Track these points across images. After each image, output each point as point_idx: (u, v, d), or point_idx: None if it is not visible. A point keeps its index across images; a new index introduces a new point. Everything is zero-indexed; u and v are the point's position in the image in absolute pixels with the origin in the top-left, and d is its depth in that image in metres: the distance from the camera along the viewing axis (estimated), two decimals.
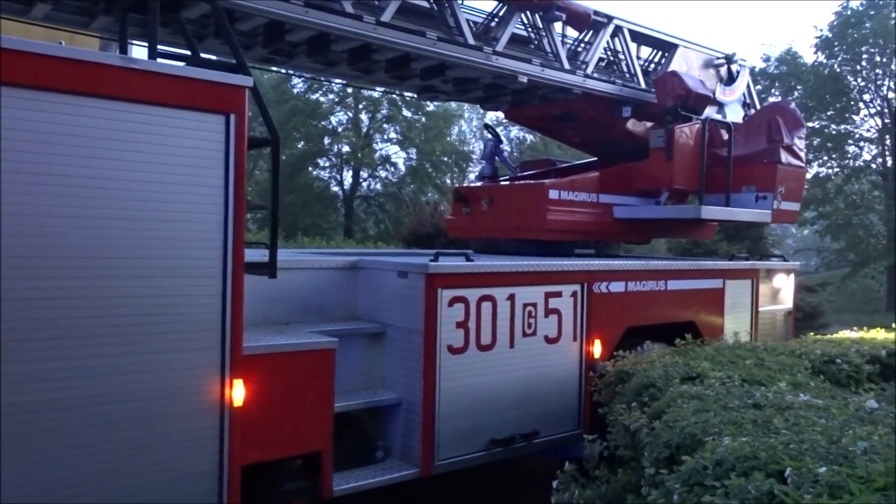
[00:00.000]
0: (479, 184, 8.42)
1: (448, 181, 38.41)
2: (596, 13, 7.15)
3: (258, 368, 4.15)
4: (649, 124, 7.86)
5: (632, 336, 6.21)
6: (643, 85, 7.80)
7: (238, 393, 4.03)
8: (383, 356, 5.26)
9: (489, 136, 8.69)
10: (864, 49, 28.08)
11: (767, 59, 30.15)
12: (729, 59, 8.69)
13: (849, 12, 28.32)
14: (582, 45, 7.57)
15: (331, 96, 32.09)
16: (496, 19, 6.74)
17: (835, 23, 28.55)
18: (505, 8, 6.65)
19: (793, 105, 8.47)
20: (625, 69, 7.81)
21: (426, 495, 5.89)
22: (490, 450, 5.32)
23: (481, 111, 38.51)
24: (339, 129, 33.46)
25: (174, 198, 3.81)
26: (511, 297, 5.41)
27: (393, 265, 5.26)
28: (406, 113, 33.89)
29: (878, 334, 6.55)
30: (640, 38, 8.00)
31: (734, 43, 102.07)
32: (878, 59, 28.04)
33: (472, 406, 5.21)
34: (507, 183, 7.98)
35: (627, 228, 7.65)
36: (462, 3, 6.32)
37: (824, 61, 29.12)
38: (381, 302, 5.32)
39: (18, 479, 3.39)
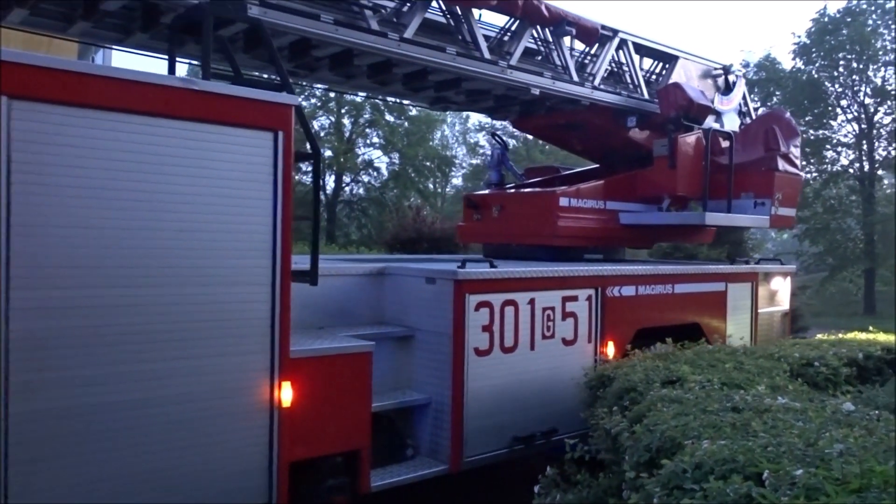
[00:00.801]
0: (487, 191, 8.68)
1: (431, 186, 38.63)
2: (603, 27, 7.44)
3: (303, 371, 4.37)
4: (647, 132, 8.16)
5: (642, 337, 6.49)
6: (646, 95, 8.11)
7: (286, 394, 4.26)
8: (411, 358, 5.50)
9: (496, 144, 8.94)
10: (841, 55, 28.77)
11: (746, 65, 30.69)
12: (726, 70, 9.03)
13: (826, 19, 28.95)
14: (588, 57, 7.86)
15: (313, 101, 32.08)
16: (509, 34, 7.01)
17: (812, 29, 29.19)
18: (517, 23, 6.92)
19: (788, 114, 8.83)
20: (628, 80, 8.11)
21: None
22: (512, 447, 5.58)
23: (464, 116, 38.96)
24: (322, 134, 33.53)
25: (228, 210, 4.04)
26: (531, 302, 5.68)
27: (420, 272, 5.51)
28: (389, 118, 34.02)
29: (857, 336, 6.62)
30: (642, 51, 8.30)
31: (713, 48, 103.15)
32: (854, 65, 28.74)
33: (497, 405, 5.46)
34: (519, 191, 8.24)
35: (632, 234, 7.95)
36: (479, 20, 6.58)
37: (802, 67, 29.78)
38: (408, 307, 5.56)
39: (97, 473, 3.61)
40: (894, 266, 27.90)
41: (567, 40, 7.40)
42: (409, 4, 6.10)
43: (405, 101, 9.43)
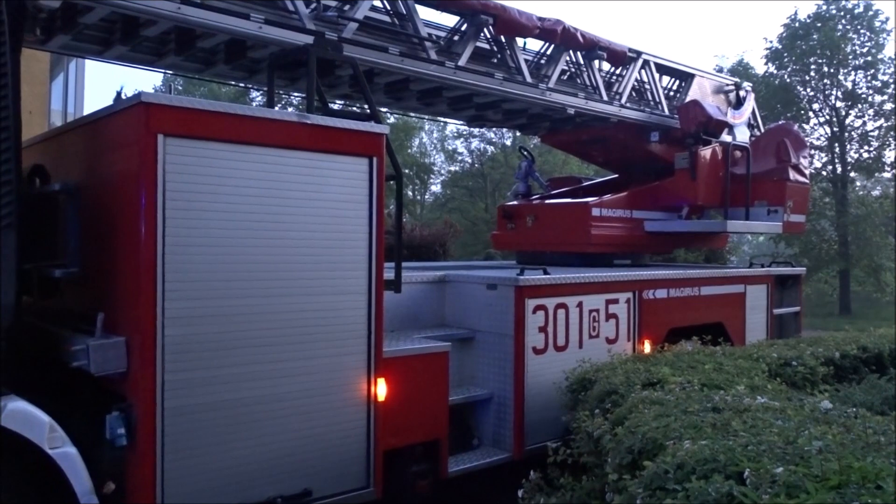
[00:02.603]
0: (516, 202, 9.25)
1: (409, 193, 38.99)
2: (630, 50, 8.05)
3: (394, 369, 4.92)
4: (665, 145, 8.76)
5: (673, 336, 7.09)
6: (667, 111, 8.72)
7: (381, 389, 4.81)
8: (473, 357, 6.06)
9: (524, 156, 9.53)
10: (812, 60, 29.55)
11: (720, 70, 31.37)
12: (737, 86, 9.68)
13: (797, 24, 29.66)
14: (614, 76, 8.46)
15: (290, 109, 32.32)
16: (545, 57, 7.59)
17: (784, 35, 29.90)
18: (553, 48, 7.50)
19: (796, 127, 9.47)
20: (650, 97, 8.72)
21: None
22: (565, 436, 6.13)
23: (441, 124, 39.50)
24: None
25: (333, 228, 4.59)
26: (580, 305, 6.26)
27: (482, 279, 6.07)
28: None
29: (838, 335, 6.71)
30: (662, 70, 8.92)
31: (687, 54, 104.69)
32: (825, 69, 29.48)
33: (551, 399, 6.01)
34: (552, 202, 8.82)
35: (656, 240, 8.57)
36: (524, 48, 7.17)
37: (775, 72, 30.50)
38: (469, 311, 6.12)
39: (233, 459, 4.15)
40: (867, 267, 28.74)
41: (596, 62, 7.99)
42: (460, 35, 6.67)
43: (445, 119, 9.99)
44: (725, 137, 8.78)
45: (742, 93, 9.72)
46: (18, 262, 3.68)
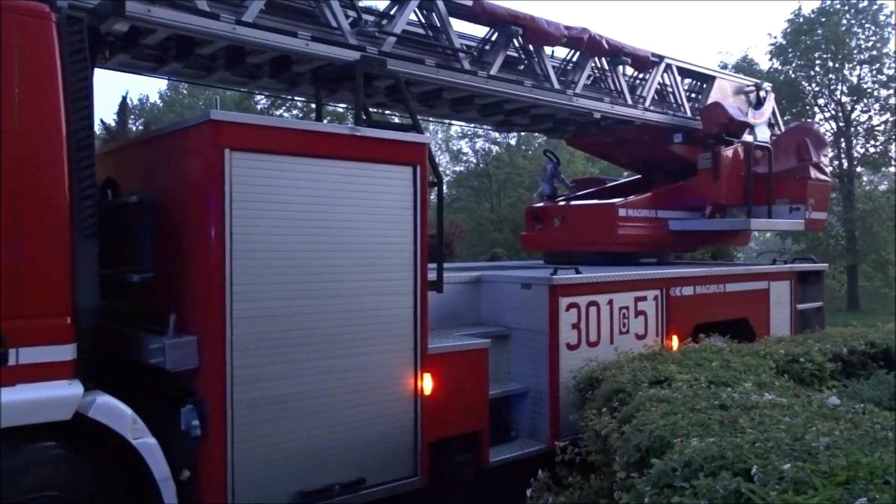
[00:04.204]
0: (541, 203, 9.53)
1: None
2: (653, 55, 8.30)
3: (438, 364, 5.23)
4: (687, 146, 8.98)
5: (699, 332, 7.32)
6: (689, 113, 8.96)
7: (427, 384, 5.12)
8: (508, 354, 6.35)
9: (550, 159, 9.80)
10: (816, 55, 29.45)
11: (724, 67, 31.27)
12: (758, 87, 9.89)
13: (801, 20, 29.57)
14: (637, 80, 8.71)
15: (294, 112, 32.03)
16: (571, 64, 7.86)
17: (788, 30, 29.82)
18: (579, 55, 7.77)
19: (816, 126, 9.68)
20: (672, 100, 8.96)
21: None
22: None
23: (445, 124, 39.70)
24: None
25: (382, 233, 4.91)
26: (610, 302, 6.53)
27: (516, 279, 6.37)
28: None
29: (845, 331, 6.78)
30: (684, 73, 9.15)
31: (692, 51, 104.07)
32: (830, 64, 29.39)
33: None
34: (579, 203, 9.10)
35: (680, 239, 8.82)
36: (552, 55, 7.45)
37: (779, 68, 30.34)
38: (504, 309, 6.41)
39: (295, 448, 4.47)
40: (875, 262, 28.61)
41: (620, 68, 8.25)
42: (491, 45, 6.96)
43: (474, 125, 10.29)
44: (747, 137, 9.00)
45: (762, 93, 9.92)
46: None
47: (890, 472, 2.24)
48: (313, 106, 6.65)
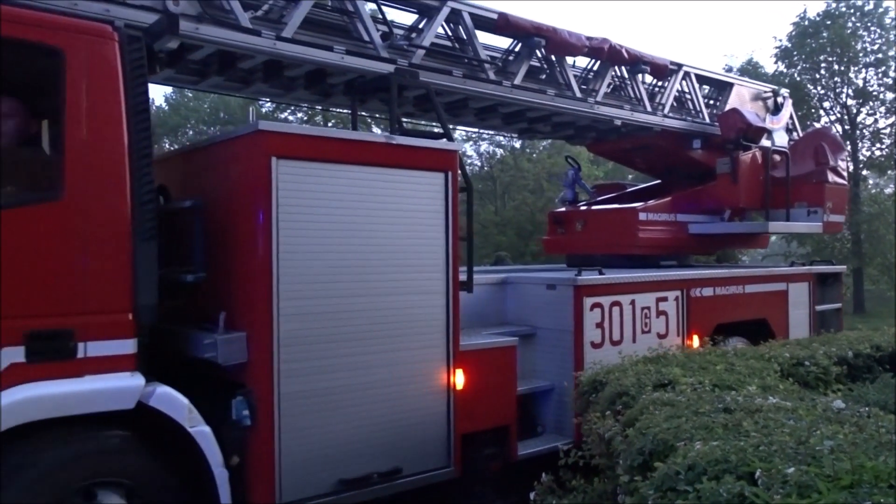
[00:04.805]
0: (563, 208, 9.77)
1: None
2: (671, 63, 8.54)
3: (469, 361, 5.49)
4: (705, 151, 9.20)
5: (720, 331, 7.53)
6: (707, 119, 9.18)
7: (459, 379, 5.38)
8: (534, 352, 6.60)
9: (571, 165, 10.04)
10: (822, 58, 29.21)
11: (729, 70, 31.08)
12: (775, 93, 10.09)
13: (806, 23, 29.38)
14: (656, 88, 8.94)
15: (299, 115, 31.99)
16: (591, 73, 8.12)
17: (793, 33, 29.64)
18: (600, 64, 8.03)
19: (833, 131, 9.86)
20: (691, 107, 9.19)
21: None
22: None
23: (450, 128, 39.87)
24: None
25: (416, 235, 5.19)
26: (633, 303, 6.77)
27: (542, 280, 6.62)
28: (376, 130, 34.10)
29: (851, 334, 6.72)
30: (702, 80, 9.38)
31: (697, 54, 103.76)
32: (835, 67, 29.17)
33: None
34: (600, 207, 9.34)
35: (699, 242, 9.03)
36: (574, 65, 7.72)
37: (784, 71, 30.10)
38: (529, 309, 6.67)
39: (336, 438, 4.75)
40: (881, 265, 28.39)
41: (640, 76, 8.49)
42: (514, 55, 7.23)
43: (498, 133, 10.57)
44: (764, 142, 9.20)
45: (780, 99, 10.12)
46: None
47: (894, 476, 2.23)
48: (318, 109, 6.94)
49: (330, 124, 31.25)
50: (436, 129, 5.95)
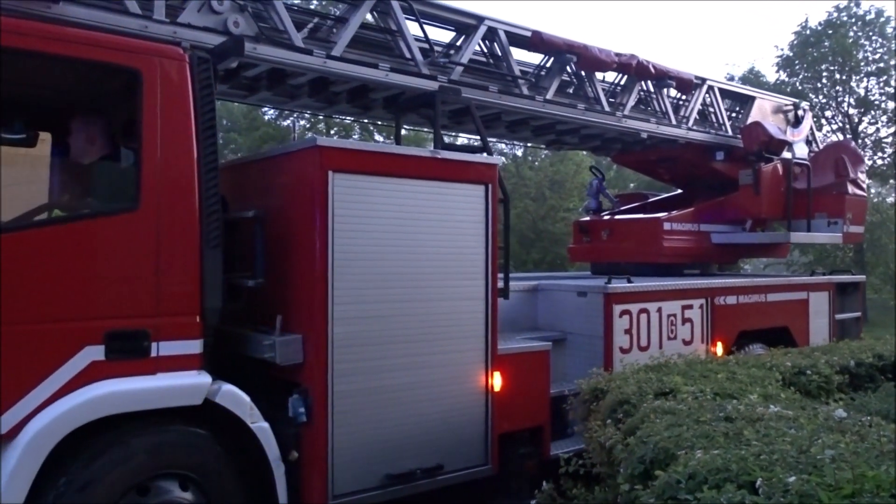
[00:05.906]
0: (588, 217, 10.05)
1: None
2: (696, 77, 8.80)
3: (506, 364, 5.76)
4: (728, 162, 9.43)
5: (743, 339, 7.77)
6: (730, 132, 9.43)
7: (497, 381, 5.66)
8: (565, 356, 6.87)
9: (595, 175, 10.32)
10: (823, 67, 29.13)
11: (731, 79, 30.52)
12: (796, 106, 10.32)
13: (808, 32, 29.34)
14: (681, 101, 9.20)
15: (302, 122, 31.33)
16: (619, 87, 8.39)
17: (795, 42, 29.57)
18: (626, 78, 8.30)
19: (853, 144, 10.08)
20: (714, 119, 9.44)
21: None
22: None
23: (453, 136, 39.94)
24: None
25: (457, 244, 5.47)
26: (659, 310, 7.03)
27: (573, 287, 6.90)
28: (378, 137, 32.86)
29: (853, 343, 6.70)
30: (725, 94, 9.63)
31: (699, 63, 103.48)
32: (837, 76, 29.09)
33: None
34: (625, 217, 9.61)
35: (722, 251, 9.28)
36: (602, 80, 8.00)
37: (786, 79, 29.97)
38: (560, 315, 6.95)
39: (385, 434, 5.03)
40: (883, 274, 28.30)
41: (665, 90, 8.75)
42: (546, 70, 7.52)
43: (527, 144, 10.85)
44: (786, 154, 9.43)
45: (800, 112, 10.34)
46: None
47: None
48: (321, 116, 7.19)
49: (332, 132, 31.82)
50: (475, 143, 6.24)
